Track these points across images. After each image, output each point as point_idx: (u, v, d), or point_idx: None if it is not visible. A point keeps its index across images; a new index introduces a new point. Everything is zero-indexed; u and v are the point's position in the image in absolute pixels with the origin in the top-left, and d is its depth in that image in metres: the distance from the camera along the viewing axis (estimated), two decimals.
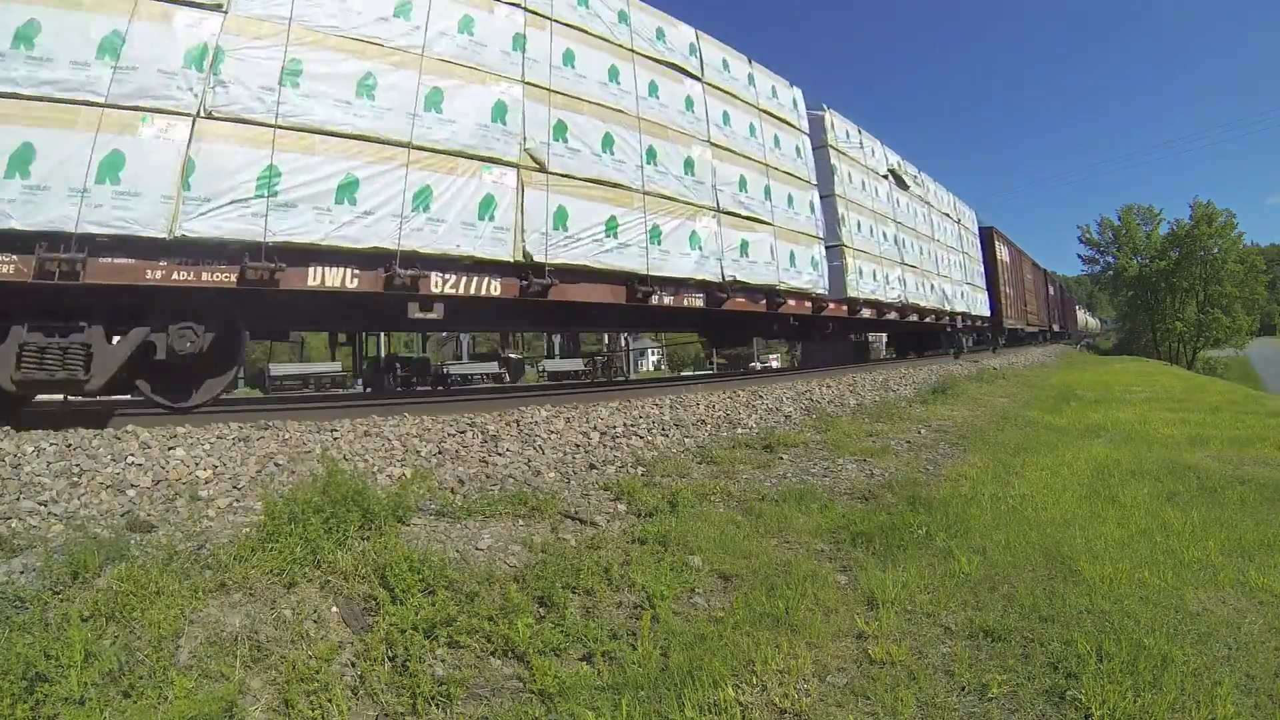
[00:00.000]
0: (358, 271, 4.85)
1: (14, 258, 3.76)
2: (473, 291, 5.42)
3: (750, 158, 8.63)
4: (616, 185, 6.54)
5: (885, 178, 13.16)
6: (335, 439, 4.24)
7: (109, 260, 3.99)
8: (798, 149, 9.88)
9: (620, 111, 6.79)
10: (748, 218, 8.26)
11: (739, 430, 5.99)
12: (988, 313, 19.12)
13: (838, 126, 11.48)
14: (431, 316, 5.35)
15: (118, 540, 2.38)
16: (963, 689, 1.90)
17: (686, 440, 5.44)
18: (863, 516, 3.36)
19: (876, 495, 3.84)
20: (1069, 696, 1.83)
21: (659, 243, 6.86)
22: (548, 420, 5.36)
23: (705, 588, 2.58)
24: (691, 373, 25.13)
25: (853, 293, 10.72)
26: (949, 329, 16.25)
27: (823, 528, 3.23)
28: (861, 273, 11.18)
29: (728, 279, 7.69)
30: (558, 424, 5.31)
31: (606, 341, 23.75)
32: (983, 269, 19.63)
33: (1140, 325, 46.62)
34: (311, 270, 4.69)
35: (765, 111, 9.25)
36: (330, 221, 4.64)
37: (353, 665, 1.92)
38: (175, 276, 4.18)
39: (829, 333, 11.30)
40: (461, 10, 5.67)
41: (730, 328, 10.22)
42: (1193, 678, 1.89)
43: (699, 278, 7.37)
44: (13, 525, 2.61)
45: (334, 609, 2.13)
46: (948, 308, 15.38)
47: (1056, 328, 34.78)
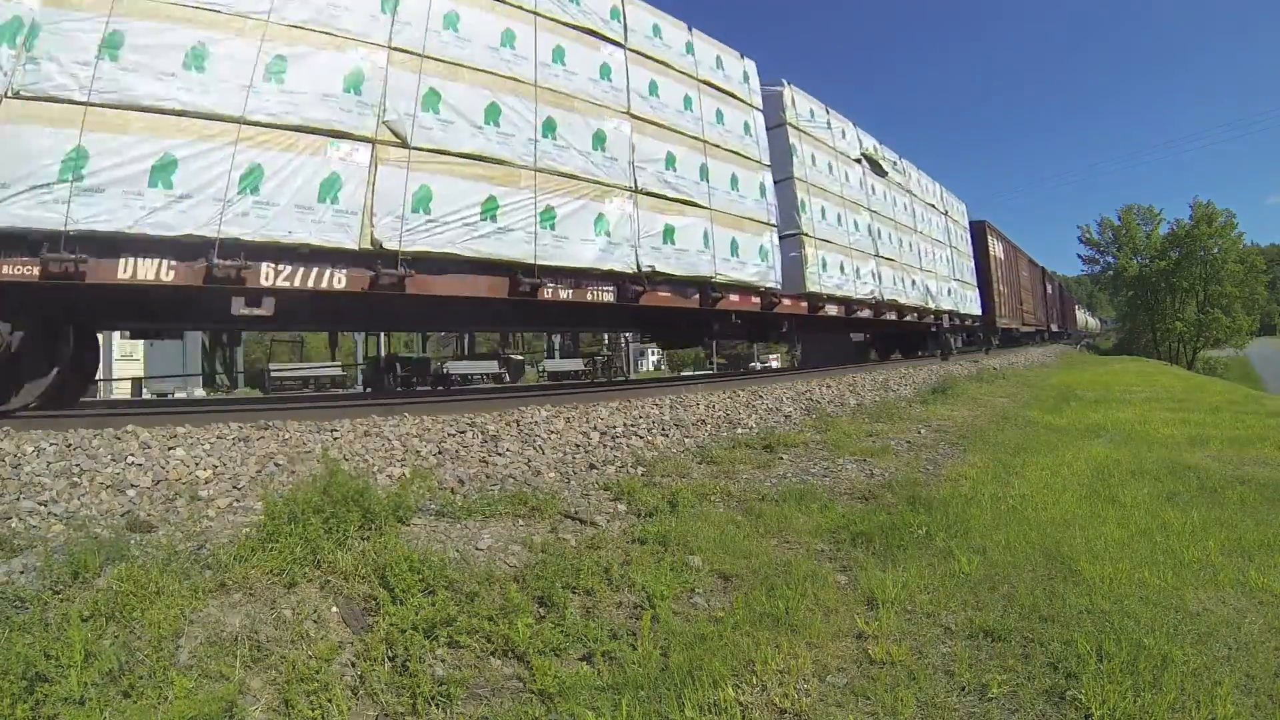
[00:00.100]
0: (174, 263, 4.38)
1: None
2: (311, 285, 4.85)
3: (682, 133, 7.68)
4: (500, 161, 5.77)
5: (858, 162, 12.24)
6: (335, 439, 4.24)
7: None
8: (747, 126, 8.85)
9: (513, 79, 6.00)
10: (675, 199, 7.34)
11: (739, 430, 5.99)
12: (979, 311, 18.34)
13: (799, 104, 10.44)
14: (259, 313, 4.78)
15: (118, 540, 2.38)
16: (963, 689, 1.90)
17: (686, 440, 5.44)
18: (863, 516, 3.36)
19: (876, 495, 3.84)
20: (1069, 696, 1.83)
21: (552, 227, 6.02)
22: (548, 420, 5.36)
23: (705, 588, 2.58)
24: (691, 373, 25.14)
25: (814, 287, 9.69)
26: (934, 328, 15.37)
27: (823, 528, 3.24)
28: (825, 265, 10.10)
29: (645, 269, 6.77)
30: (558, 424, 5.31)
31: (607, 341, 23.77)
32: (973, 265, 18.76)
33: (1140, 325, 46.69)
34: (122, 262, 4.26)
35: (707, 83, 8.29)
36: (141, 207, 4.21)
37: (353, 665, 1.92)
38: None
39: (784, 332, 10.14)
40: None
41: (655, 326, 9.20)
42: (1193, 678, 1.89)
43: (605, 267, 6.47)
44: (13, 525, 2.61)
45: (334, 609, 2.13)
46: (932, 305, 14.43)
47: (1055, 327, 34.06)
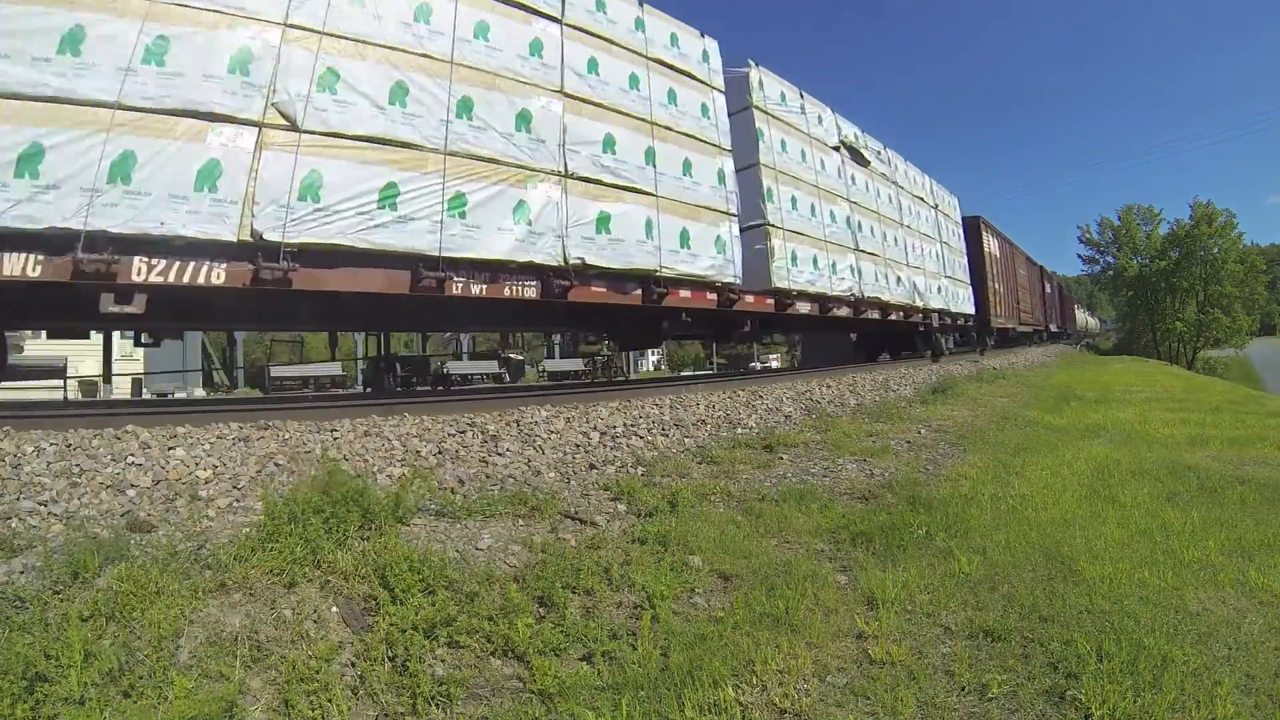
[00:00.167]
0: (42, 258, 4.16)
1: None
2: (187, 280, 4.52)
3: (626, 113, 7.10)
4: (404, 144, 5.33)
5: (836, 150, 11.48)
6: (335, 439, 4.25)
7: None
8: (705, 108, 8.22)
9: (425, 56, 5.58)
10: (613, 185, 6.73)
11: (739, 430, 5.99)
12: (972, 310, 17.58)
13: (768, 86, 9.76)
14: (130, 310, 4.49)
15: (118, 540, 2.38)
16: (963, 689, 1.90)
17: (686, 440, 5.44)
18: (863, 516, 3.36)
19: (876, 495, 3.84)
20: (1069, 696, 1.83)
21: (462, 215, 5.53)
22: (548, 420, 5.36)
23: (705, 588, 2.58)
24: (691, 373, 25.15)
25: (781, 282, 8.95)
26: (923, 328, 14.53)
27: (823, 528, 3.24)
28: (796, 258, 9.35)
29: (573, 261, 6.20)
30: (558, 424, 5.31)
31: (607, 342, 23.77)
32: (966, 262, 18.00)
33: (1140, 325, 46.73)
34: None
35: (658, 62, 7.69)
36: (6, 199, 4.01)
37: (353, 665, 1.92)
38: None
39: (746, 331, 9.29)
40: None
41: (590, 324, 8.51)
42: (1193, 678, 1.89)
43: (524, 259, 5.92)
44: (13, 525, 2.61)
45: (334, 609, 2.13)
46: (920, 303, 13.62)
47: (1054, 327, 33.54)
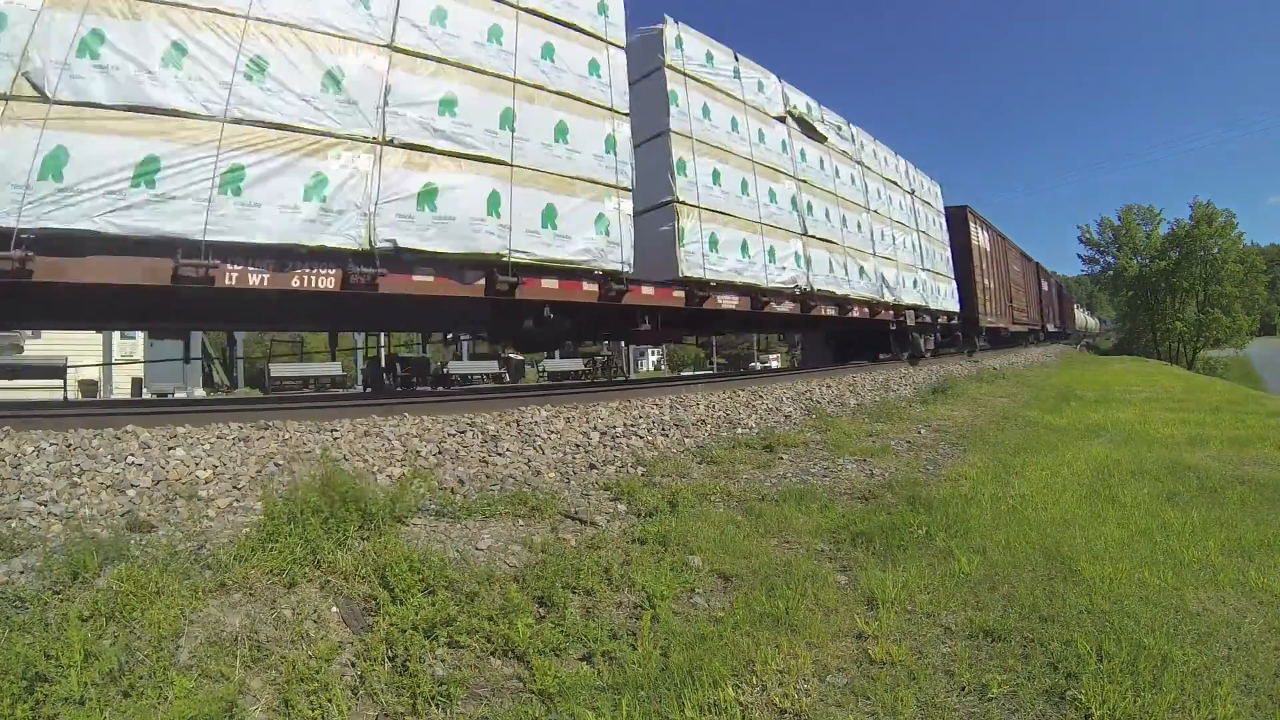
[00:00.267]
0: None
1: None
2: None
3: (479, 69, 5.91)
4: (171, 112, 4.50)
5: (781, 120, 9.92)
6: (335, 439, 4.25)
7: None
8: (594, 65, 6.92)
9: (212, 11, 4.78)
10: (447, 152, 5.60)
11: (739, 430, 5.99)
12: (956, 307, 16.10)
13: (689, 45, 8.36)
14: None
15: (118, 540, 2.38)
16: (963, 689, 1.90)
17: (686, 440, 5.44)
18: (863, 516, 3.36)
19: (876, 495, 3.85)
20: (1069, 696, 1.83)
21: (238, 192, 4.61)
22: (548, 420, 5.36)
23: (705, 588, 2.58)
24: (691, 373, 25.16)
25: (693, 270, 7.49)
26: (894, 326, 13.05)
27: (823, 528, 3.24)
28: (717, 243, 7.90)
29: (381, 244, 5.07)
30: (558, 424, 5.31)
31: (607, 342, 23.77)
32: (949, 254, 16.52)
33: (1140, 325, 46.72)
34: None
35: (532, 12, 6.50)
36: None
37: (353, 665, 1.92)
38: None
39: (644, 330, 7.58)
40: None
41: (415, 321, 7.10)
42: (1193, 678, 1.89)
43: (314, 243, 4.83)
44: (13, 525, 2.61)
45: (334, 609, 2.13)
46: (890, 298, 12.13)
47: (1052, 327, 32.63)
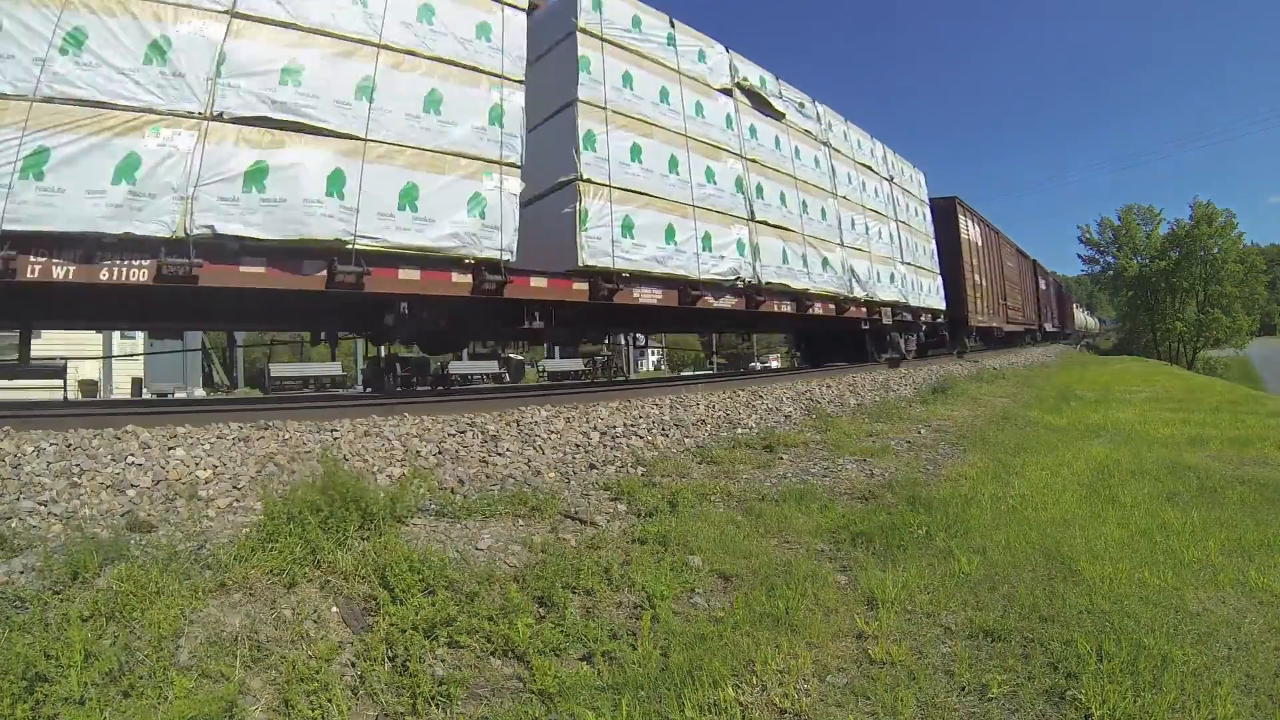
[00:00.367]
0: None
1: None
2: None
3: (331, 34, 5.08)
4: None
5: (727, 93, 9.00)
6: (335, 439, 4.24)
7: None
8: (484, 28, 6.11)
9: None
10: (286, 126, 4.76)
11: (739, 430, 5.99)
12: (942, 305, 15.15)
13: (610, 8, 7.40)
14: None
15: (118, 540, 2.38)
16: (963, 689, 1.90)
17: (686, 440, 5.44)
18: (863, 516, 3.36)
19: (876, 495, 3.85)
20: (1069, 696, 1.83)
21: (40, 176, 3.95)
22: (548, 420, 5.36)
23: (705, 588, 2.58)
24: (691, 373, 25.14)
25: (599, 259, 6.52)
26: (867, 325, 11.87)
27: (823, 528, 3.24)
28: (632, 227, 6.93)
29: (198, 230, 4.35)
30: (558, 424, 5.31)
31: (607, 341, 23.77)
32: (934, 248, 15.53)
33: (1140, 325, 46.72)
34: None
35: None
36: None
37: (353, 665, 1.92)
38: None
39: (534, 329, 6.46)
40: None
41: (247, 318, 6.13)
42: (1193, 678, 1.88)
43: (121, 230, 4.14)
44: (13, 525, 2.61)
45: (334, 609, 2.13)
46: (861, 294, 11.03)
47: (1049, 326, 31.78)
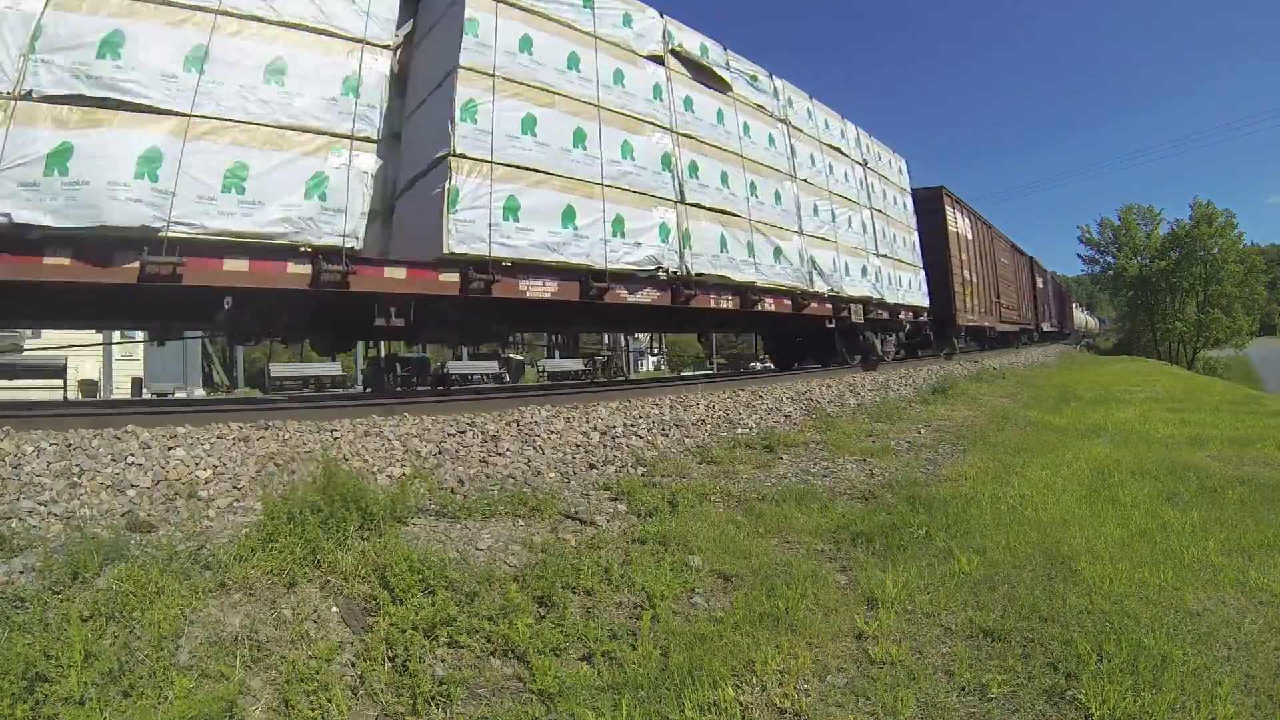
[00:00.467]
0: None
1: None
2: None
3: (158, 1, 4.51)
4: None
5: (657, 62, 7.71)
6: (335, 439, 4.24)
7: None
8: None
9: None
10: (99, 102, 4.24)
11: (739, 430, 5.99)
12: (925, 303, 13.89)
13: None
14: None
15: (118, 540, 2.38)
16: (963, 689, 1.90)
17: (686, 440, 5.44)
18: (863, 516, 3.36)
19: (876, 495, 3.85)
20: (1069, 696, 1.83)
21: None
22: (548, 420, 5.36)
23: (705, 588, 2.58)
24: (691, 373, 25.14)
25: (471, 246, 5.50)
26: (832, 322, 10.49)
27: (823, 528, 3.24)
28: (517, 210, 5.81)
29: None
30: (558, 424, 5.31)
31: (607, 341, 23.78)
32: (916, 240, 14.27)
33: (1140, 325, 46.75)
34: None
35: None
36: None
37: (353, 665, 1.92)
38: None
39: (385, 327, 5.60)
40: None
41: (77, 314, 5.59)
42: (1193, 678, 1.89)
43: None
44: (13, 525, 2.61)
45: (334, 609, 2.13)
46: (824, 288, 9.75)
47: (1048, 326, 30.88)
